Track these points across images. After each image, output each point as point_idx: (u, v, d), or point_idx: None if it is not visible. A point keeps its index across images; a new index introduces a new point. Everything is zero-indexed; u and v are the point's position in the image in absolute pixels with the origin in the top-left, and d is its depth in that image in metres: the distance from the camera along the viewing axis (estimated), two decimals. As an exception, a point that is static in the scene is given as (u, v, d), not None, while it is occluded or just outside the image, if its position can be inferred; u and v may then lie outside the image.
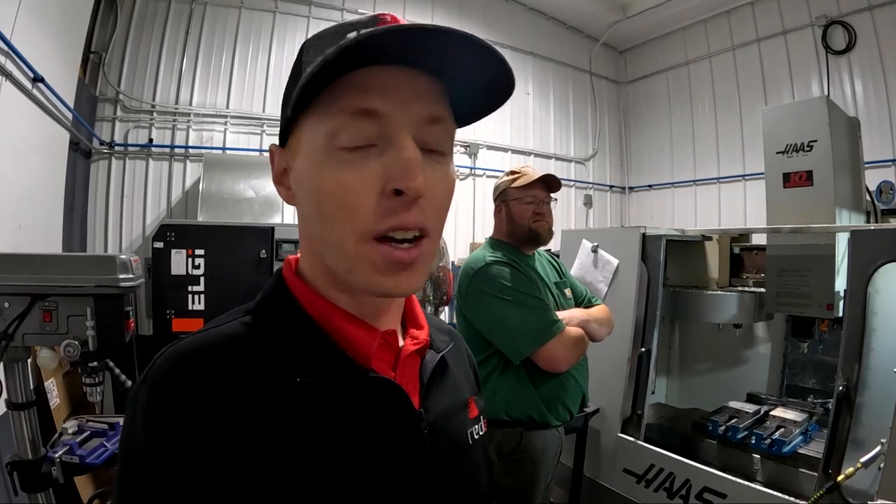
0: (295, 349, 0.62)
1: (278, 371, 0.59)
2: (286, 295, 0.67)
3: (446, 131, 0.61)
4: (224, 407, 0.54)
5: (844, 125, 2.80)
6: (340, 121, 0.56)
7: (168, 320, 3.84)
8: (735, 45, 6.47)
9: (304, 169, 0.60)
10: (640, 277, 2.91)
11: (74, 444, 1.92)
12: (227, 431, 0.53)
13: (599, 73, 7.95)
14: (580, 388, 2.21)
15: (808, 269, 2.61)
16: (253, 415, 0.55)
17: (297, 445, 0.56)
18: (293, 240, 4.08)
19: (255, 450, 0.54)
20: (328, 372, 0.61)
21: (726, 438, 2.52)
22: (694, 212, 6.99)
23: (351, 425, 0.60)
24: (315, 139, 0.58)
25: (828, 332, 2.87)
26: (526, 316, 1.98)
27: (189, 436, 0.53)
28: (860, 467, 1.84)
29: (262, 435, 0.55)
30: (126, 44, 4.80)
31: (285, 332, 0.63)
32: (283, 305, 0.66)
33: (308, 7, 5.64)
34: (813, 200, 2.60)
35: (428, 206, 0.58)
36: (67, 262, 1.86)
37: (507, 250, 2.18)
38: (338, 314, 0.64)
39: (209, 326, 0.64)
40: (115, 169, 4.77)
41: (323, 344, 0.62)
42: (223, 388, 0.55)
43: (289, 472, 0.54)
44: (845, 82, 5.38)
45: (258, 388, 0.57)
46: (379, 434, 0.62)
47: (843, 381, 2.04)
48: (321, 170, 0.58)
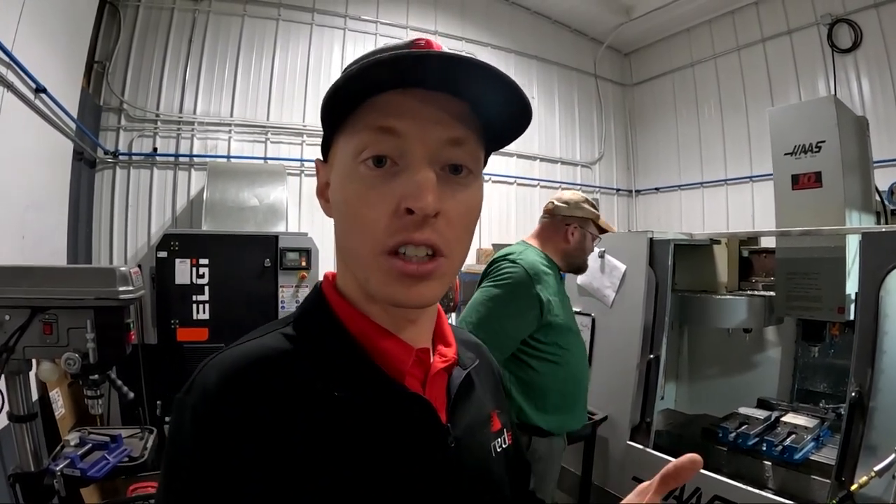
0: (332, 363, 0.65)
1: (317, 384, 0.62)
2: (325, 309, 0.70)
3: (469, 152, 0.63)
4: (266, 417, 0.58)
5: (853, 124, 2.76)
6: (364, 137, 0.60)
7: (173, 330, 3.83)
8: (740, 45, 6.41)
9: (335, 183, 0.66)
10: (648, 283, 2.88)
11: (76, 458, 1.91)
12: (269, 440, 0.57)
13: (604, 75, 7.89)
14: (584, 404, 2.25)
15: (818, 272, 2.58)
16: (292, 425, 0.58)
17: (334, 456, 0.59)
18: (298, 248, 4.07)
19: (295, 457, 0.57)
20: (364, 387, 0.64)
21: (737, 445, 2.49)
22: (702, 214, 6.91)
23: (384, 438, 0.63)
24: (345, 156, 0.63)
25: (839, 336, 2.83)
26: (503, 324, 1.98)
27: (235, 443, 0.56)
28: (874, 476, 1.80)
29: (300, 444, 0.58)
30: (129, 53, 4.80)
31: (324, 345, 0.66)
32: (322, 319, 0.69)
33: (311, 14, 5.63)
34: (822, 202, 2.57)
35: (444, 225, 0.61)
36: (67, 274, 1.85)
37: (543, 260, 2.14)
38: (374, 329, 0.67)
39: (250, 337, 0.67)
40: (120, 178, 4.76)
41: (359, 359, 0.66)
42: (266, 399, 0.59)
43: (327, 481, 0.58)
44: (852, 81, 5.31)
45: (298, 400, 0.60)
46: (409, 447, 0.65)
47: (856, 386, 2.01)
48: (348, 185, 0.62)
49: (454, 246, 0.63)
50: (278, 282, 4.01)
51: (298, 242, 4.10)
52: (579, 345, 2.20)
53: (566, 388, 2.11)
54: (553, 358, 2.06)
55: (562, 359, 2.07)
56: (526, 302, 2.00)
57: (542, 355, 2.05)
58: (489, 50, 6.65)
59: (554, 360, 2.06)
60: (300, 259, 4.07)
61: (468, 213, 0.64)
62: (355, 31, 5.86)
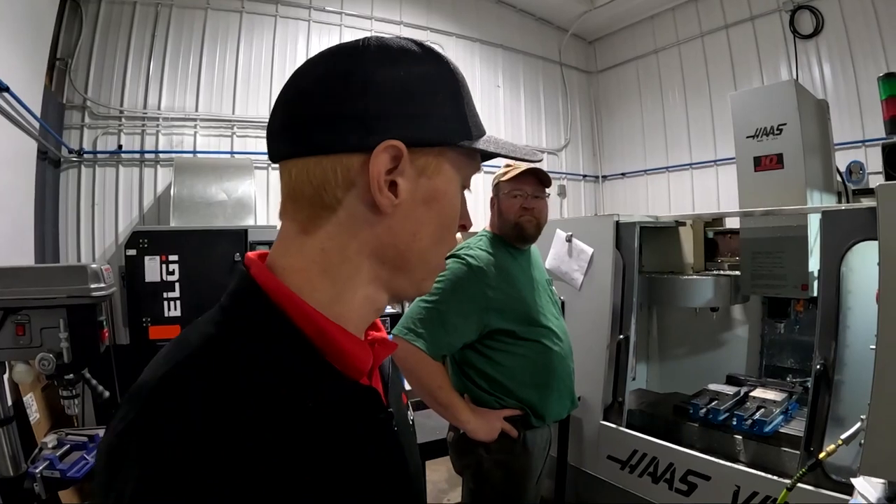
0: (289, 367, 0.59)
1: (280, 391, 0.56)
2: (267, 305, 0.62)
3: None
4: (266, 463, 0.51)
5: (813, 108, 2.84)
6: (472, 173, 0.74)
7: (145, 328, 3.79)
8: (703, 32, 6.51)
9: (445, 192, 0.68)
10: (616, 265, 2.93)
11: (54, 459, 1.89)
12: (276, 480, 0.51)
13: (569, 63, 7.95)
14: (570, 390, 2.15)
15: (781, 251, 2.65)
16: (279, 450, 0.52)
17: (320, 463, 0.56)
18: (268, 241, 4.02)
19: (297, 478, 0.53)
20: (327, 389, 0.61)
21: (708, 421, 2.56)
22: (668, 198, 7.03)
23: (351, 434, 0.62)
24: (457, 176, 0.70)
25: (803, 312, 2.92)
26: (428, 311, 1.90)
27: None
28: (841, 444, 1.88)
29: (294, 463, 0.53)
30: (92, 49, 4.68)
31: (274, 348, 0.60)
32: (268, 319, 0.61)
33: (275, 6, 5.55)
34: (784, 183, 2.63)
35: None
36: (38, 273, 1.83)
37: (501, 246, 2.10)
38: (334, 329, 0.62)
39: (177, 357, 0.58)
40: (85, 177, 4.66)
41: (316, 361, 0.61)
42: (261, 445, 0.52)
43: (320, 486, 0.55)
44: (813, 65, 5.45)
45: (277, 420, 0.54)
46: (369, 437, 0.65)
47: (821, 359, 2.08)
48: (454, 201, 0.70)
49: None
50: (240, 276, 3.97)
51: (268, 235, 4.07)
52: (548, 332, 2.05)
53: (537, 378, 2.01)
54: (512, 349, 1.98)
55: (523, 349, 1.99)
56: (467, 301, 1.92)
57: (501, 347, 1.98)
58: (454, 40, 6.66)
59: (513, 351, 1.98)
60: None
61: None
62: (320, 23, 5.81)
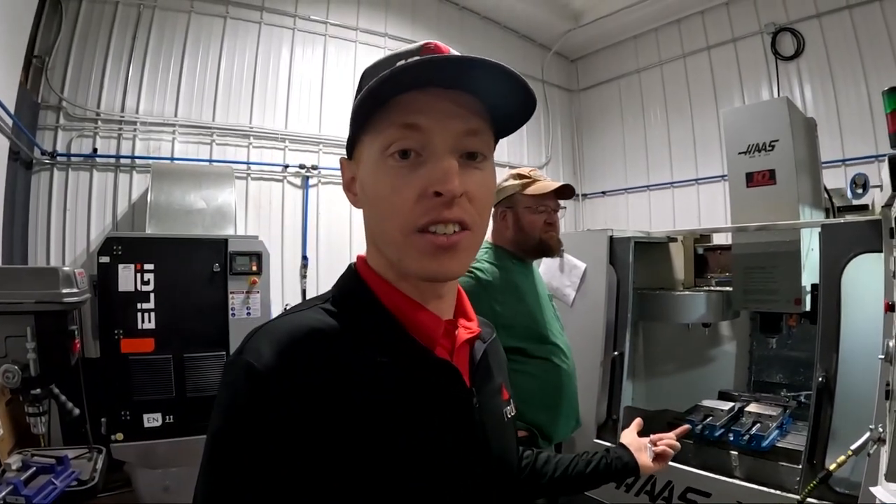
0: (372, 333, 0.73)
1: (360, 350, 0.71)
2: (361, 285, 0.78)
3: (483, 140, 0.74)
4: (316, 375, 0.65)
5: (803, 125, 2.86)
6: (390, 134, 0.69)
7: (116, 341, 3.58)
8: (686, 52, 6.59)
9: (365, 176, 0.74)
10: (609, 280, 2.90)
11: (19, 483, 1.73)
12: (319, 396, 0.64)
13: (552, 81, 7.99)
14: (575, 410, 2.13)
15: (774, 266, 2.64)
16: (339, 384, 0.66)
17: (377, 412, 0.68)
18: (248, 252, 3.91)
19: (343, 412, 0.65)
20: (400, 354, 0.73)
21: (704, 437, 2.52)
22: (648, 216, 7.05)
23: (420, 398, 0.73)
24: (372, 151, 0.72)
25: (796, 327, 2.91)
26: None
27: (289, 398, 0.63)
28: (851, 455, 1.84)
29: (348, 401, 0.66)
30: (70, 48, 4.52)
31: (362, 318, 0.75)
32: (360, 295, 0.78)
33: (260, 13, 5.45)
34: (777, 198, 2.63)
35: (469, 203, 0.71)
36: (4, 275, 1.70)
37: (508, 259, 2.04)
38: (408, 303, 0.76)
39: (290, 312, 0.76)
40: (58, 181, 4.47)
41: (395, 330, 0.74)
42: (314, 359, 0.67)
43: (374, 433, 0.66)
44: (794, 87, 5.53)
45: (344, 363, 0.68)
46: (441, 405, 0.75)
47: (822, 372, 2.06)
48: (377, 176, 0.71)
49: (477, 221, 0.73)
50: (228, 288, 3.83)
51: (249, 246, 3.94)
52: (556, 349, 2.02)
53: (548, 399, 1.97)
54: (522, 368, 1.89)
55: (533, 367, 1.93)
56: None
57: (511, 367, 1.91)
58: (440, 53, 6.60)
59: (523, 370, 1.89)
60: (251, 263, 3.91)
61: (487, 192, 0.75)
62: (304, 32, 5.72)
